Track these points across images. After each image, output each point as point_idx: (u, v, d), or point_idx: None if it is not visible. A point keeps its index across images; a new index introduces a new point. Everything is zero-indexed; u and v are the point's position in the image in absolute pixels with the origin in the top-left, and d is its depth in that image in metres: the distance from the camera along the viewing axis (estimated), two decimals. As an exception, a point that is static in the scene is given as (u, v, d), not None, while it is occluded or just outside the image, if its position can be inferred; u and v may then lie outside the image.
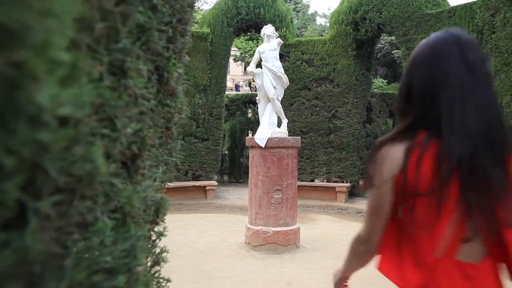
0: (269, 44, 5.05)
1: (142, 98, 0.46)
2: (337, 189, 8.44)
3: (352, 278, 1.19)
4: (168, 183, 0.85)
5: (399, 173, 0.87)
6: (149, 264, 0.71)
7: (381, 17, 7.84)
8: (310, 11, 32.19)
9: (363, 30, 8.21)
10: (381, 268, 0.99)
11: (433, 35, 0.96)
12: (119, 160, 0.43)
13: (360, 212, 7.40)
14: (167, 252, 0.73)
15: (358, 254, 1.04)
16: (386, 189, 0.89)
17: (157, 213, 0.66)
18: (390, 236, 0.96)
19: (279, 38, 5.19)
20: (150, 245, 0.70)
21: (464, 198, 0.84)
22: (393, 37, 13.04)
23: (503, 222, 0.86)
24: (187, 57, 0.82)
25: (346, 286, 1.22)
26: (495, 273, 0.91)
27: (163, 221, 0.71)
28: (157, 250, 0.72)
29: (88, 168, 0.30)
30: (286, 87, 5.11)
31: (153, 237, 0.71)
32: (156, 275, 0.70)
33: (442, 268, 0.87)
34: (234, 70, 34.23)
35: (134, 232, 0.42)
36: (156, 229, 0.74)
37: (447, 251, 0.87)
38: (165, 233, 0.72)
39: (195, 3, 0.89)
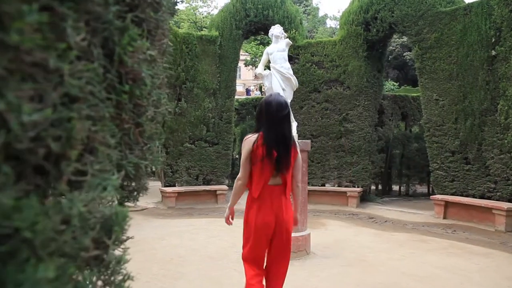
0: (278, 44, 4.88)
1: (70, 76, 0.33)
2: (348, 193, 8.22)
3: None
4: (179, 188, 0.70)
5: (251, 150, 2.28)
6: (108, 295, 0.57)
7: (393, 16, 7.63)
8: (320, 14, 31.99)
9: (374, 30, 8.00)
10: (248, 187, 2.40)
11: (265, 97, 2.44)
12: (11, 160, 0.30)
13: (372, 218, 7.17)
14: (131, 280, 0.59)
15: (238, 188, 2.41)
16: (247, 157, 2.31)
17: (108, 233, 0.51)
18: (250, 176, 2.35)
19: (287, 39, 5.03)
20: (107, 273, 0.55)
21: (275, 163, 2.26)
22: (405, 38, 12.88)
23: (286, 171, 2.31)
24: (168, 42, 0.68)
25: (232, 218, 2.65)
26: (284, 191, 2.35)
27: (120, 243, 0.56)
28: (119, 278, 0.57)
29: None
30: (295, 89, 4.94)
31: (112, 263, 0.57)
32: (117, 309, 0.56)
33: (264, 188, 2.31)
34: (245, 75, 34.25)
35: (34, 273, 0.28)
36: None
37: (266, 181, 2.30)
38: (128, 257, 0.58)
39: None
